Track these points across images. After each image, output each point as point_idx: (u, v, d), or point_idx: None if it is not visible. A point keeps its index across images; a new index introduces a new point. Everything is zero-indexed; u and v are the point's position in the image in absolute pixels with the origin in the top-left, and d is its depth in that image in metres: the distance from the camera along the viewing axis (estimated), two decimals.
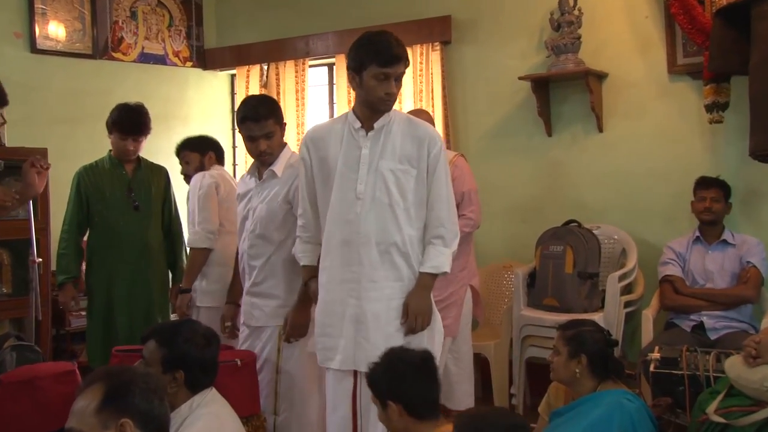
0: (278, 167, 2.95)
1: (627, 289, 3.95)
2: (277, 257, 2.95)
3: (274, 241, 2.95)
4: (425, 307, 2.57)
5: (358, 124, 2.56)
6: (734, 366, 2.60)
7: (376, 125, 2.55)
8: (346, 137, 2.58)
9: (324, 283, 2.62)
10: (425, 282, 2.58)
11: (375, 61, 2.44)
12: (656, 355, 3.07)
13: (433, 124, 3.85)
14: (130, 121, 3.73)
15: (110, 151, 3.84)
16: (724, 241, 3.71)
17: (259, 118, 2.86)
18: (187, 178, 3.90)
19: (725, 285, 3.64)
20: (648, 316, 3.71)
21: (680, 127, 4.14)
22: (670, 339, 3.40)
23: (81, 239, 3.81)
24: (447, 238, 2.59)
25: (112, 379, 1.57)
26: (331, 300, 2.59)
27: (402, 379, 2.18)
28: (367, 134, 2.56)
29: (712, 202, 3.70)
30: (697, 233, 3.78)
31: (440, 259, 2.57)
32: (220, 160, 3.96)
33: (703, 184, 3.76)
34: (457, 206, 3.68)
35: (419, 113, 3.70)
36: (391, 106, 2.56)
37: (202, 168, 3.83)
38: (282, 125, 2.98)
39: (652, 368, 3.06)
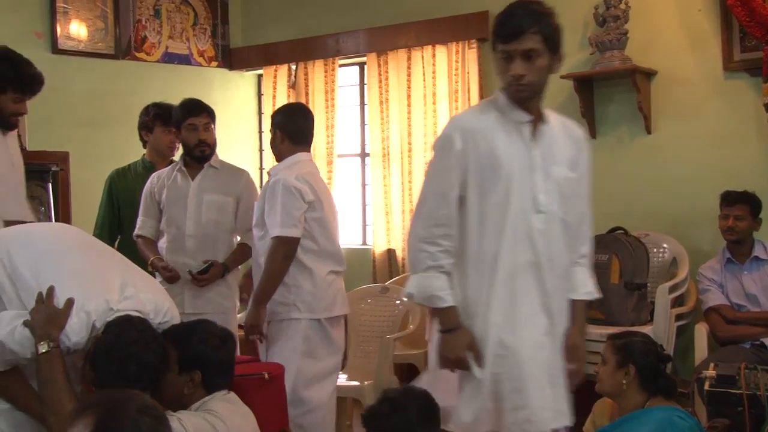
0: None
1: (678, 302, 3.92)
2: None
3: None
4: (585, 350, 2.32)
5: (524, 117, 2.18)
6: None
7: (544, 120, 2.22)
8: (509, 132, 2.18)
9: (500, 323, 2.15)
10: (583, 315, 2.31)
11: (498, 38, 2.15)
12: (711, 372, 3.02)
13: None
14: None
15: (144, 154, 3.87)
16: (757, 258, 3.67)
17: None
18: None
19: None
20: (702, 330, 3.67)
21: (736, 129, 4.10)
22: (727, 356, 3.36)
23: (113, 245, 3.76)
24: (589, 257, 2.34)
25: (105, 406, 1.53)
26: (520, 344, 2.14)
27: None
28: (534, 130, 2.19)
29: (735, 221, 3.64)
30: (727, 254, 3.72)
31: (592, 283, 2.32)
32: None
33: (727, 199, 3.66)
34: None
35: None
36: (524, 95, 2.15)
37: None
38: None
39: (707, 386, 3.01)
